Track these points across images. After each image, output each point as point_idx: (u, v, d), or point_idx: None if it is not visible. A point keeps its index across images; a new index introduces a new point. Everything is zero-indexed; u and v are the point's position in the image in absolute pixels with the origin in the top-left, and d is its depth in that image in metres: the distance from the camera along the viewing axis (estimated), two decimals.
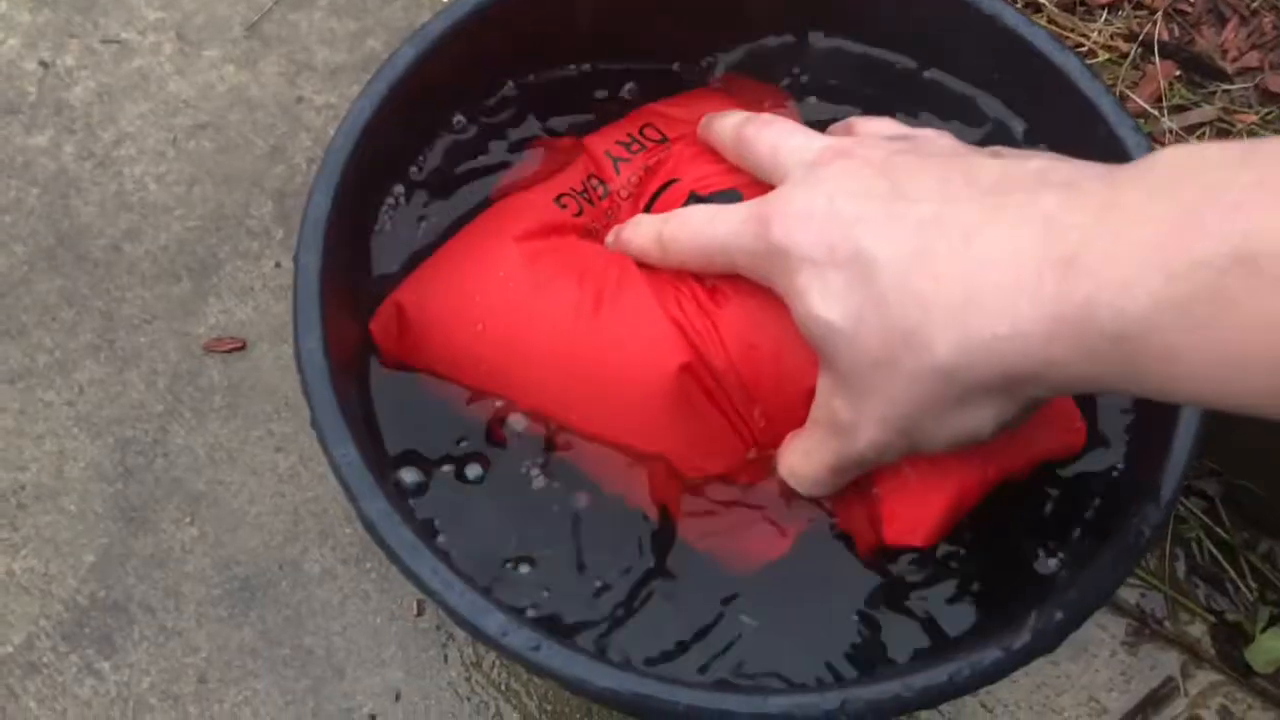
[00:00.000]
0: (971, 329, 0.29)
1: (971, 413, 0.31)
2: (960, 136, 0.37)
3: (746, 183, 0.39)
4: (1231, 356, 0.25)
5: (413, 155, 0.45)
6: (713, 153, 0.41)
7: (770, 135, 0.37)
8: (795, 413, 0.37)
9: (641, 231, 0.39)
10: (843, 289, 0.32)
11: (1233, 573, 0.62)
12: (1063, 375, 0.29)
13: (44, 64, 0.75)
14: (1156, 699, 0.60)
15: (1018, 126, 0.46)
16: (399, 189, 0.45)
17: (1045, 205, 0.29)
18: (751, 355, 0.37)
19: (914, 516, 0.37)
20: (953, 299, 0.30)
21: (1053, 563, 0.38)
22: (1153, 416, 0.38)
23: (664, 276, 0.38)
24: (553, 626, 0.36)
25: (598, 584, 0.38)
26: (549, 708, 0.58)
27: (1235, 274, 0.24)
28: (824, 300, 0.32)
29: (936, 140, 0.37)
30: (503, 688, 0.59)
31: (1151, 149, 0.40)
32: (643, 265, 0.39)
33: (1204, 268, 0.25)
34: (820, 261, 0.32)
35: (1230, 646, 0.61)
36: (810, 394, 0.36)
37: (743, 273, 0.36)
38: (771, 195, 0.35)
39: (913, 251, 0.31)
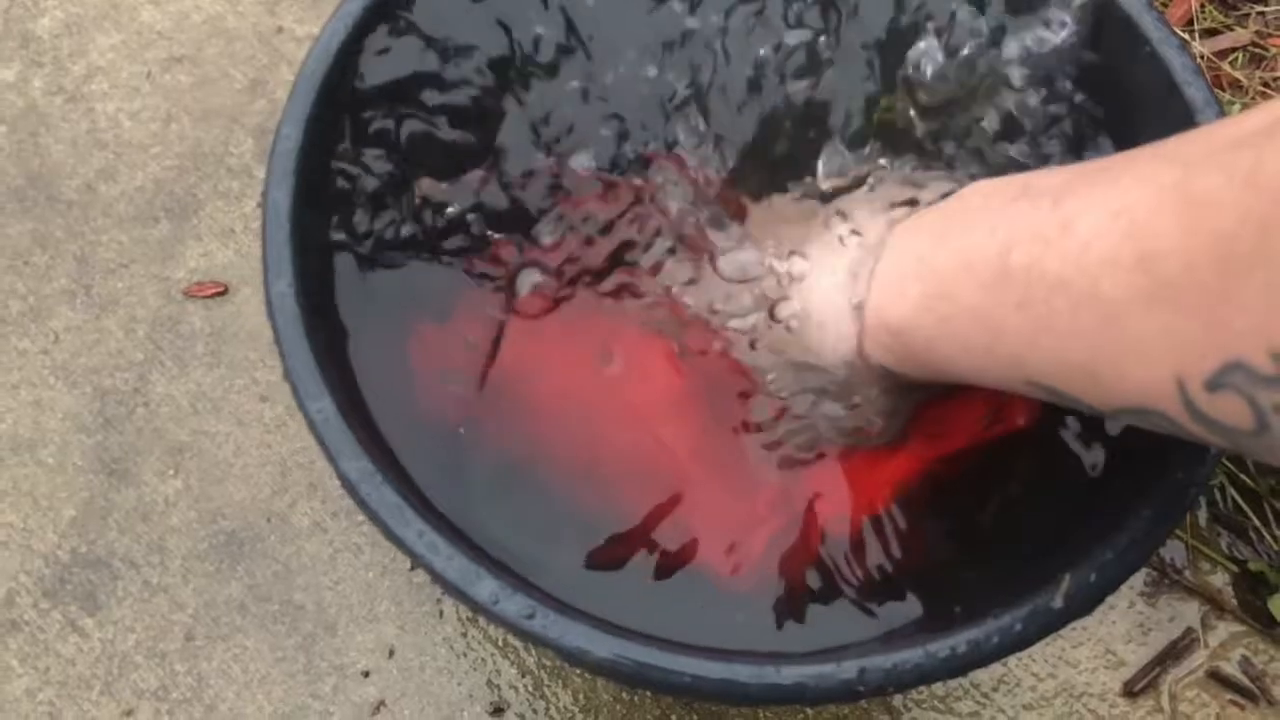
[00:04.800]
0: (820, 337, 0.38)
1: (842, 402, 0.39)
2: None
3: None
4: (962, 343, 0.31)
5: (393, 83, 0.42)
6: None
7: None
8: None
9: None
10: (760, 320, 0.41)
11: (1256, 521, 0.60)
12: (881, 366, 0.36)
13: None
14: (1176, 651, 0.58)
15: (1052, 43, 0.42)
16: (381, 119, 0.41)
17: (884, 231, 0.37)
18: None
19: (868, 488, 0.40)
20: (812, 316, 0.38)
21: (1091, 520, 0.35)
22: None
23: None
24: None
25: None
26: (547, 664, 0.56)
27: (960, 278, 0.31)
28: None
29: None
30: (500, 643, 0.57)
31: (1199, 70, 0.37)
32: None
33: (941, 273, 0.32)
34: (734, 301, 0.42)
35: (1253, 596, 0.59)
36: None
37: None
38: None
39: (797, 289, 0.40)
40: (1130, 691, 0.57)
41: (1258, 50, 0.69)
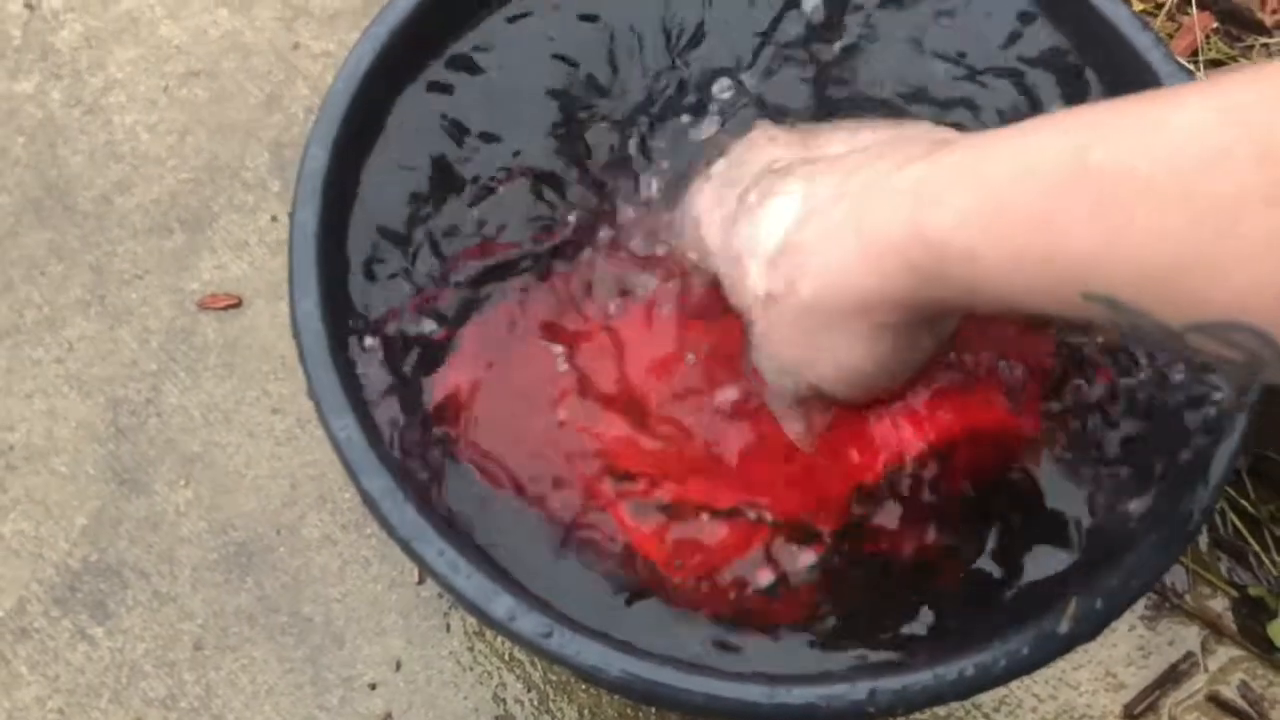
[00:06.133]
0: (828, 263, 0.35)
1: (841, 342, 0.36)
2: None
3: None
4: (1014, 255, 0.29)
5: (420, 106, 0.42)
6: None
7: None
8: None
9: None
10: (741, 255, 0.38)
11: (1256, 546, 0.61)
12: (893, 291, 0.34)
13: (29, 6, 0.72)
14: (1176, 674, 0.58)
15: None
16: (407, 142, 0.42)
17: (896, 159, 0.34)
18: None
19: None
20: (814, 243, 0.35)
21: (1096, 545, 0.36)
22: (1205, 397, 0.36)
23: None
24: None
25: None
26: (553, 678, 0.57)
27: (1018, 181, 0.29)
28: (726, 265, 0.39)
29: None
30: (506, 657, 0.57)
31: None
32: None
33: (994, 177, 0.30)
34: (729, 235, 0.39)
35: (1252, 621, 0.60)
36: None
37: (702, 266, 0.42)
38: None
39: (788, 215, 0.37)
40: (1130, 714, 0.57)
41: None
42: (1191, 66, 0.70)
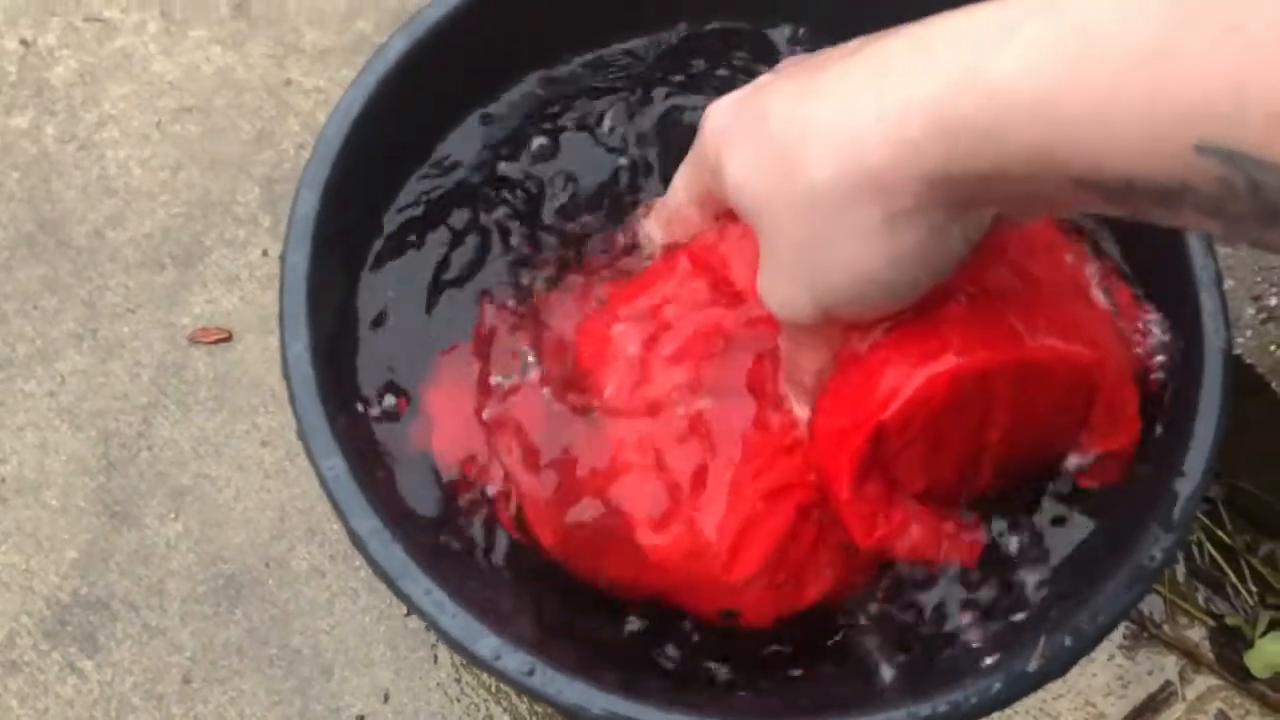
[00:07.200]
0: (838, 132, 0.29)
1: (854, 238, 0.30)
2: None
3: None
4: (1104, 97, 0.24)
5: (409, 147, 0.43)
6: None
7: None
8: None
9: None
10: (748, 146, 0.32)
11: (1233, 576, 0.62)
12: (917, 163, 0.28)
13: (24, 42, 0.73)
14: (1154, 704, 0.59)
15: None
16: (395, 182, 0.43)
17: (927, 22, 0.29)
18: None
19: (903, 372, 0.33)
20: (824, 113, 0.30)
21: (1066, 583, 0.37)
22: (1168, 431, 0.37)
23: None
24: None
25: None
26: (539, 710, 0.57)
27: (1116, 10, 0.24)
28: (733, 163, 0.33)
29: None
30: (493, 689, 0.58)
31: None
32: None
33: (1085, 11, 0.25)
34: (736, 130, 0.33)
35: (1229, 651, 0.60)
36: None
37: (714, 190, 0.36)
38: None
39: (799, 89, 0.31)
40: None
41: None
42: None
